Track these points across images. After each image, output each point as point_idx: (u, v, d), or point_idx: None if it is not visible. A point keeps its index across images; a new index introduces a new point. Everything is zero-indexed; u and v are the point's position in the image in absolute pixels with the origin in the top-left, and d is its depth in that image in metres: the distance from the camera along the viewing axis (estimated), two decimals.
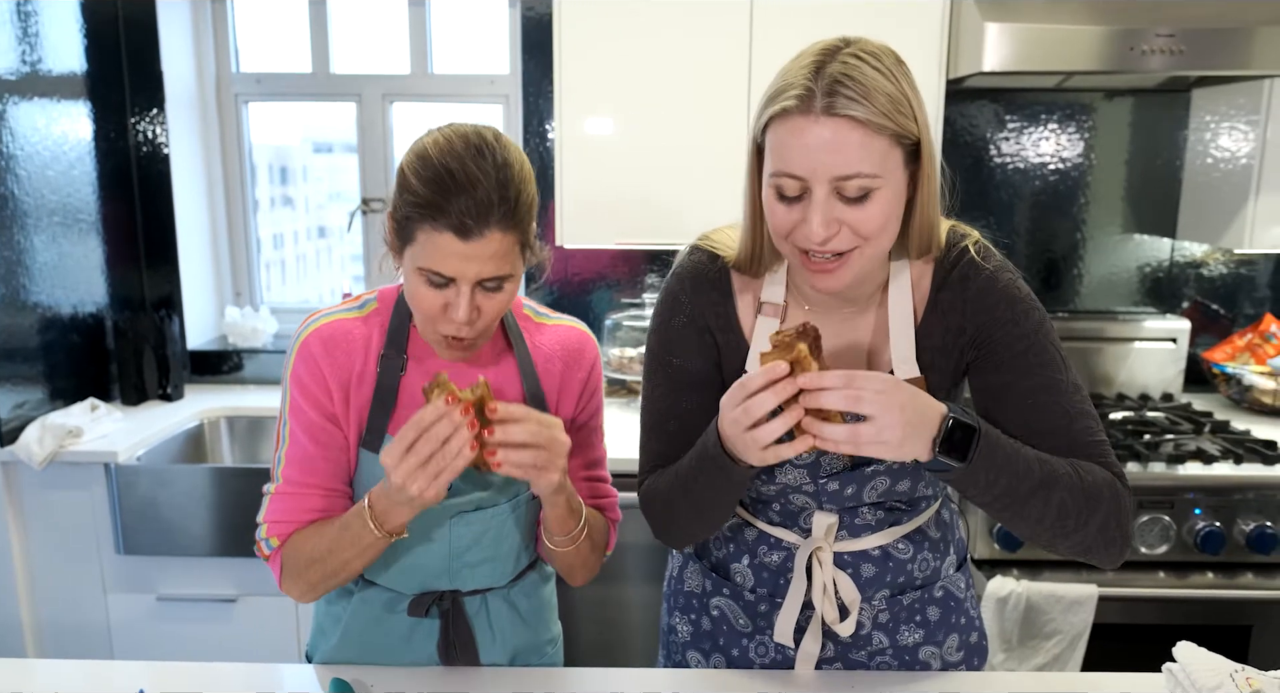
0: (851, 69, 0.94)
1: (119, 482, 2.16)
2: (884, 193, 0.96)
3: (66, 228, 2.40)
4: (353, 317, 1.17)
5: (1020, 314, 1.07)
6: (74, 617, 2.26)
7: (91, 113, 2.50)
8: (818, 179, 0.95)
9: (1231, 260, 2.69)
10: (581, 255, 2.74)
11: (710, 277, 1.14)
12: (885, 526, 1.17)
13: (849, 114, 0.93)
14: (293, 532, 1.15)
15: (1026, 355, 1.06)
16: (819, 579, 1.16)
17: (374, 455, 1.15)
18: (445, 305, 1.05)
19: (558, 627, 1.39)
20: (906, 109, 0.95)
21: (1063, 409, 1.05)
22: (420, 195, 1.01)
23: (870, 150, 0.94)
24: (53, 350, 2.36)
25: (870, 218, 0.96)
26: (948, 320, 1.09)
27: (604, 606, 2.28)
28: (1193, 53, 2.02)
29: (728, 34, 2.26)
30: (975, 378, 1.09)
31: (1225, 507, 2.03)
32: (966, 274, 1.09)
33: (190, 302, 2.77)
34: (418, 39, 2.77)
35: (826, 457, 1.12)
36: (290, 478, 1.15)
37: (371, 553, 1.10)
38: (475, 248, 1.01)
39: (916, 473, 1.14)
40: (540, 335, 1.24)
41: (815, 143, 0.94)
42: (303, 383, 1.13)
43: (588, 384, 1.26)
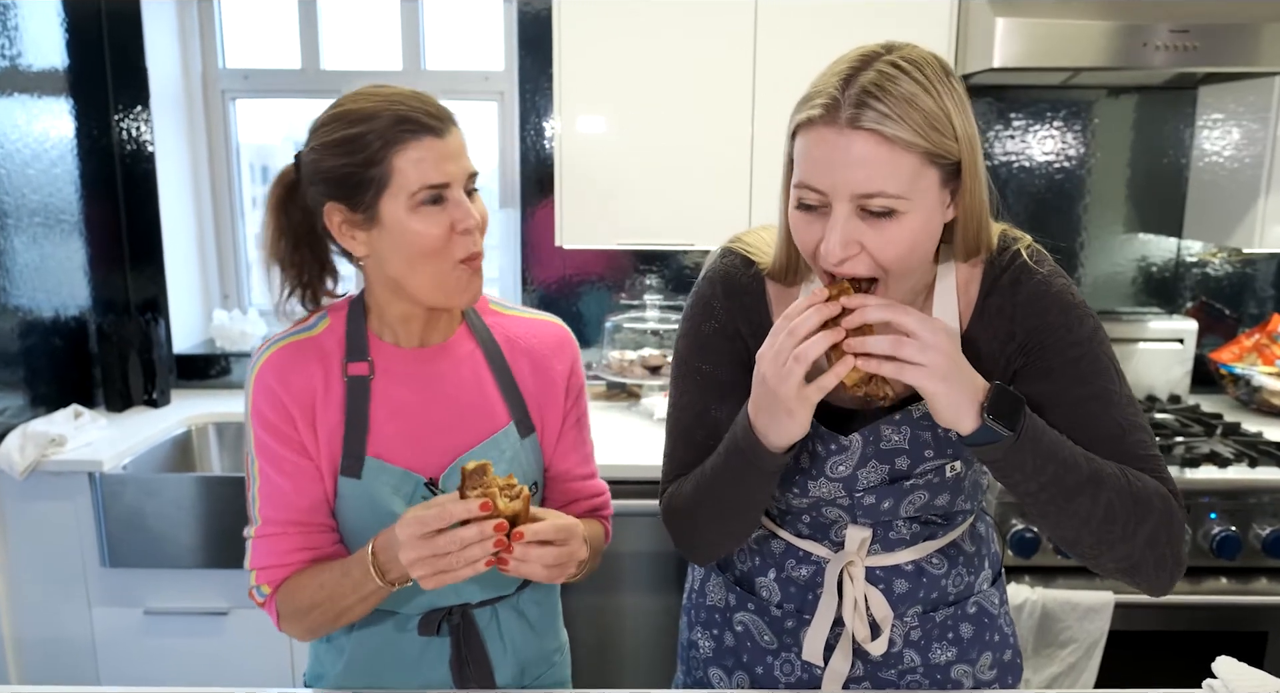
0: (885, 79, 0.87)
1: (104, 492, 2.09)
2: (911, 217, 0.89)
3: (48, 229, 2.32)
4: (305, 337, 1.12)
5: (1074, 321, 1.01)
6: (58, 633, 2.18)
7: (73, 110, 2.42)
8: (838, 195, 0.89)
9: (1236, 260, 2.66)
10: (580, 256, 2.68)
11: (744, 282, 1.09)
12: (920, 540, 1.12)
13: (876, 128, 0.86)
14: (284, 577, 1.09)
15: (1079, 364, 1.00)
16: (850, 595, 1.11)
17: (354, 481, 1.09)
18: (452, 223, 1.03)
19: (564, 634, 1.35)
20: (945, 126, 0.88)
21: (1115, 421, 0.99)
22: (383, 126, 1.00)
23: (897, 169, 0.87)
24: (34, 355, 2.28)
25: (892, 241, 0.89)
26: (996, 326, 1.03)
27: (602, 612, 2.22)
28: (1205, 49, 1.99)
29: (732, 32, 2.21)
30: (1022, 385, 1.03)
31: (1241, 511, 2.00)
32: (1017, 278, 1.02)
33: (176, 304, 2.70)
34: (410, 34, 2.70)
35: (864, 470, 1.07)
36: (269, 518, 1.10)
37: (374, 600, 1.06)
38: (451, 143, 1.03)
39: (956, 486, 1.09)
40: (511, 327, 1.20)
41: (837, 156, 0.87)
42: (264, 417, 1.08)
43: (572, 381, 1.22)
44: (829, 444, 1.06)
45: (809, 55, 2.33)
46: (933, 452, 1.06)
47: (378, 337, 1.14)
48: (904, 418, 1.05)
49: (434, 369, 1.14)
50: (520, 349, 1.19)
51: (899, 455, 1.06)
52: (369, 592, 1.03)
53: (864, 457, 1.06)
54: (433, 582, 0.95)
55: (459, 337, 1.17)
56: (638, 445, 2.20)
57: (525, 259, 2.71)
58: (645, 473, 2.07)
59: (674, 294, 2.67)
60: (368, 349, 1.12)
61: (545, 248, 2.68)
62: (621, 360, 2.54)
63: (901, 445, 1.05)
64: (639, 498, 2.07)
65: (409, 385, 1.13)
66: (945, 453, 1.06)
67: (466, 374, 1.15)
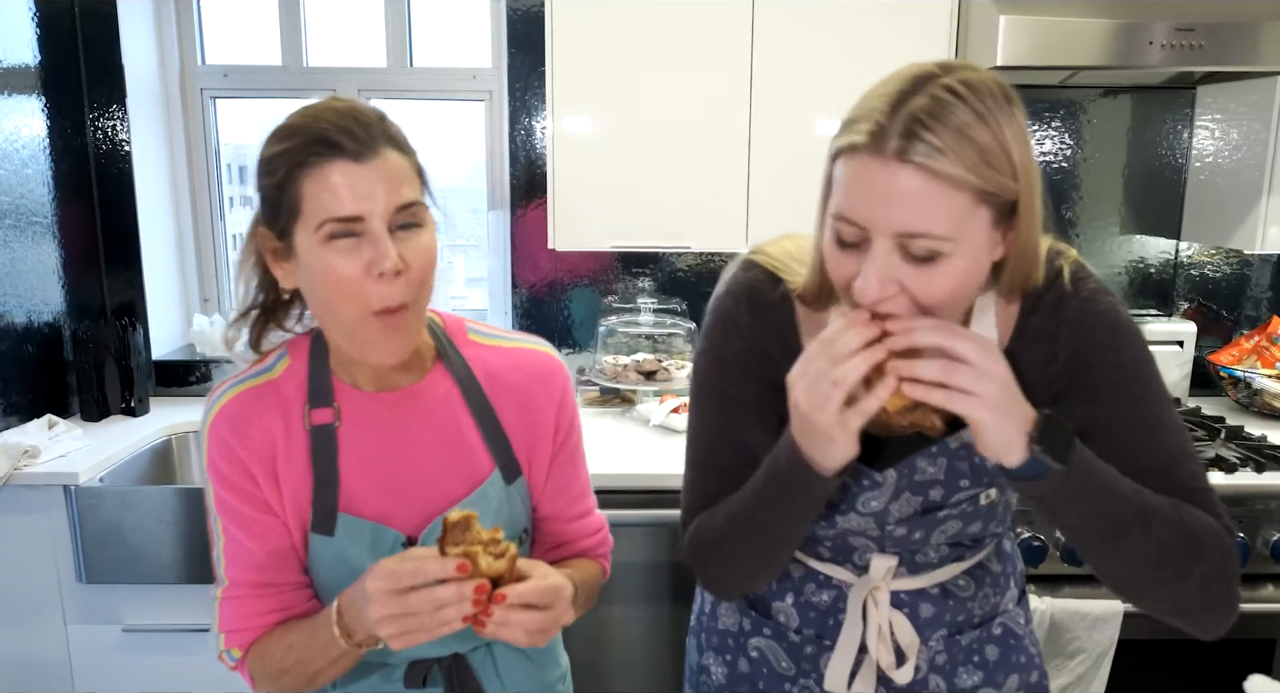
0: (939, 106, 0.78)
1: (80, 505, 2.00)
2: (956, 260, 0.81)
3: (19, 231, 2.23)
4: (261, 382, 1.01)
5: (1122, 341, 0.94)
6: (32, 651, 2.09)
7: (46, 108, 2.34)
8: (879, 231, 0.80)
9: (1234, 261, 2.64)
10: (569, 258, 2.62)
11: (771, 301, 1.01)
12: (948, 562, 1.07)
13: (924, 163, 0.77)
14: (254, 639, 1.01)
15: (1127, 388, 0.93)
16: (874, 621, 1.06)
17: (327, 538, 1.00)
18: (366, 264, 0.88)
19: (565, 660, 1.27)
20: (1002, 162, 0.79)
21: (1165, 450, 0.92)
22: (294, 148, 0.88)
23: (946, 208, 0.78)
24: (5, 363, 2.19)
25: (935, 286, 0.81)
26: (1038, 347, 0.96)
27: (596, 625, 2.16)
28: (1210, 47, 1.96)
29: (728, 30, 2.16)
30: (1065, 410, 0.95)
31: (1248, 517, 1.97)
32: (1061, 297, 0.95)
33: (155, 309, 2.61)
34: (396, 31, 2.63)
35: (897, 503, 1.00)
36: (236, 579, 1.01)
37: (346, 662, 0.97)
38: (374, 169, 0.88)
39: (990, 513, 1.04)
40: (492, 359, 1.08)
41: (881, 190, 0.79)
42: (221, 474, 0.99)
43: (561, 416, 1.10)
44: (861, 480, 0.99)
45: (807, 53, 2.30)
46: (968, 481, 1.00)
47: (342, 380, 1.02)
48: (941, 449, 0.98)
49: (407, 414, 1.03)
50: (503, 384, 1.06)
51: (933, 487, 1.00)
52: (337, 655, 0.94)
53: (897, 490, 1.00)
54: (401, 642, 0.86)
55: (433, 377, 1.04)
56: (632, 453, 2.15)
57: (514, 261, 2.64)
58: (639, 482, 2.01)
59: (667, 297, 2.62)
60: (332, 394, 1.01)
61: (534, 250, 2.62)
62: (615, 365, 2.48)
63: (937, 477, 0.99)
64: (633, 508, 2.01)
65: (379, 433, 1.02)
66: (981, 482, 1.00)
67: (443, 419, 1.04)
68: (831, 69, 2.16)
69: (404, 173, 0.91)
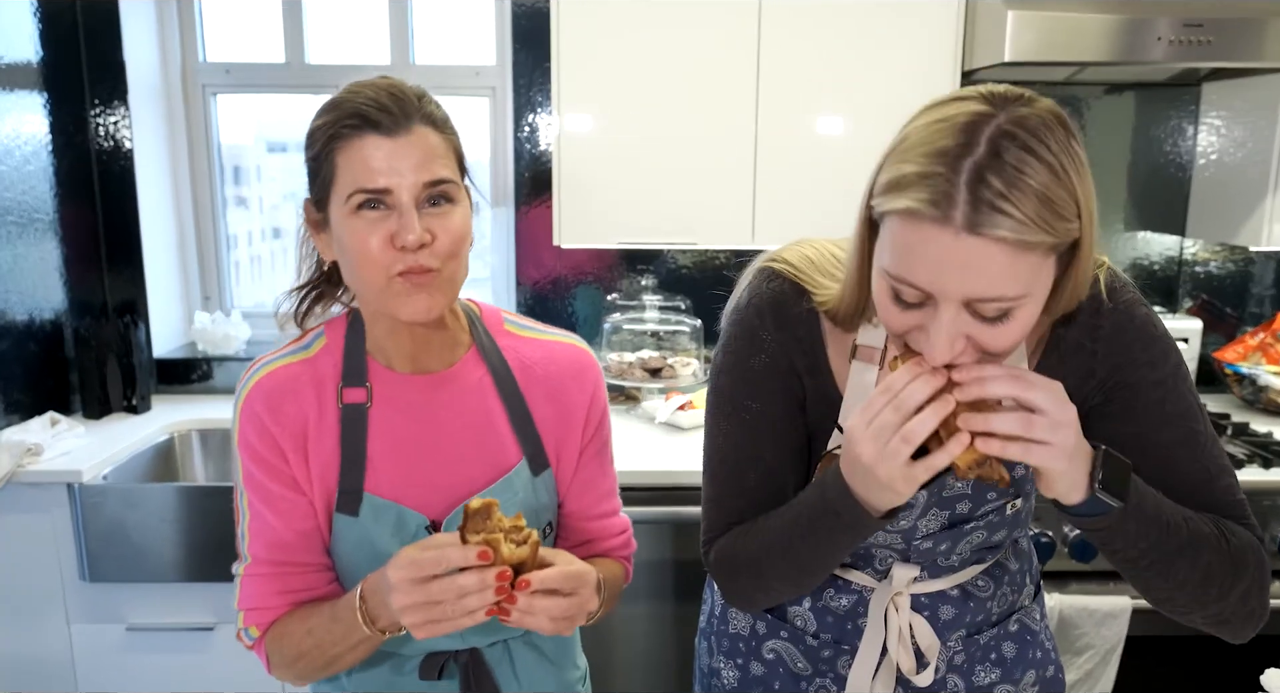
0: (1007, 167, 0.71)
1: (83, 503, 1.99)
2: (1026, 311, 0.78)
3: (21, 229, 2.22)
4: (299, 359, 1.03)
5: (1158, 356, 0.93)
6: (35, 650, 2.08)
7: (47, 105, 2.32)
8: (948, 298, 0.76)
9: (1238, 258, 2.64)
10: (573, 255, 2.62)
11: (797, 314, 0.97)
12: (969, 564, 1.07)
13: (998, 236, 0.71)
14: (273, 619, 1.01)
15: (1164, 404, 0.92)
16: (894, 625, 1.04)
17: (351, 519, 1.01)
18: (389, 235, 0.90)
19: (584, 661, 1.26)
20: (1071, 209, 0.74)
21: (1203, 467, 0.92)
22: (331, 122, 0.92)
23: (1019, 271, 0.74)
24: (6, 361, 2.18)
25: (1006, 339, 0.78)
26: (1074, 362, 0.94)
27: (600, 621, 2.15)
28: (1218, 43, 1.95)
29: (735, 26, 2.15)
30: (1100, 425, 0.94)
31: (1257, 513, 1.94)
32: (1098, 309, 0.93)
33: (156, 306, 2.60)
34: (399, 27, 2.62)
35: (924, 519, 0.99)
36: (259, 557, 1.02)
37: (365, 649, 0.97)
38: (404, 145, 0.90)
39: (1015, 521, 1.03)
40: (526, 350, 1.08)
41: (950, 261, 0.73)
42: (252, 449, 0.99)
43: (592, 410, 1.10)
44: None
45: (814, 50, 2.29)
46: (995, 494, 0.99)
47: (377, 361, 1.03)
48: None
49: (438, 398, 1.03)
50: (536, 376, 1.07)
51: (960, 501, 0.99)
52: (357, 640, 0.94)
53: (926, 507, 0.99)
54: (424, 631, 0.86)
55: (467, 362, 1.06)
56: (637, 450, 2.14)
57: (518, 259, 2.63)
58: (646, 479, 2.00)
59: (671, 295, 2.61)
60: (366, 374, 1.01)
61: (538, 247, 2.61)
62: (620, 363, 2.47)
63: (964, 492, 0.98)
64: (639, 505, 2.00)
65: (410, 416, 1.03)
66: (1008, 493, 0.99)
67: (475, 405, 1.05)
68: (838, 66, 2.15)
69: (437, 151, 0.93)
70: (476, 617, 0.85)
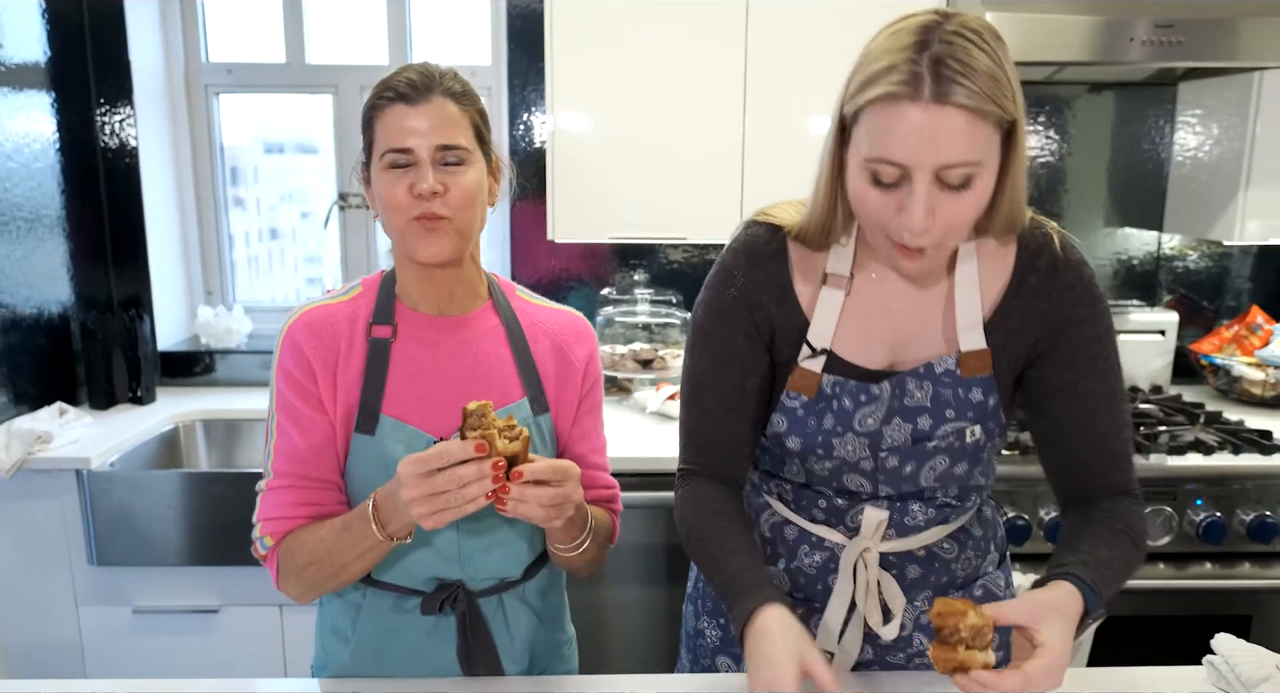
0: (958, 51, 0.87)
1: (91, 489, 2.06)
2: (982, 181, 0.92)
3: (30, 226, 2.29)
4: (338, 302, 1.18)
5: (1099, 314, 1.07)
6: (44, 632, 2.14)
7: (55, 104, 2.39)
8: (921, 168, 0.89)
9: (1215, 253, 2.72)
10: (567, 250, 2.68)
11: (768, 250, 1.10)
12: (934, 524, 1.14)
13: (959, 102, 0.86)
14: (288, 530, 1.11)
15: (1096, 360, 1.06)
16: (863, 580, 1.12)
17: (368, 438, 1.12)
18: (410, 187, 1.07)
19: (571, 629, 1.36)
20: (1008, 89, 0.89)
21: (1114, 420, 1.07)
22: (372, 97, 1.10)
23: (976, 137, 0.89)
24: (15, 353, 2.24)
25: (967, 207, 0.92)
26: (1032, 305, 1.07)
27: (598, 604, 2.22)
28: (1189, 43, 2.02)
29: (722, 29, 2.22)
30: (1039, 370, 1.08)
31: (1225, 497, 2.03)
32: (1055, 264, 1.06)
33: (160, 301, 2.66)
34: (396, 29, 2.69)
35: (889, 427, 1.08)
36: (280, 471, 1.13)
37: (373, 556, 1.06)
38: (425, 113, 1.07)
39: (976, 454, 1.11)
40: (535, 314, 1.24)
41: (922, 131, 0.88)
42: (288, 371, 1.13)
43: (589, 369, 1.25)
44: (858, 395, 1.08)
45: (800, 49, 2.36)
46: (954, 413, 1.08)
47: (405, 304, 1.18)
48: (926, 372, 1.08)
49: (455, 338, 1.17)
50: (542, 331, 1.22)
51: (921, 414, 1.08)
52: (368, 547, 1.04)
53: (890, 411, 1.08)
54: (431, 521, 0.96)
55: (483, 312, 1.20)
56: (630, 439, 2.21)
57: (513, 254, 2.70)
58: (638, 466, 2.07)
59: (662, 289, 2.68)
60: (393, 315, 1.16)
61: (533, 243, 2.68)
62: (613, 355, 2.54)
63: (924, 403, 1.08)
64: (631, 490, 2.06)
65: (430, 350, 1.16)
66: (966, 416, 1.08)
67: (487, 347, 1.18)
68: (823, 65, 2.22)
69: (453, 119, 1.09)
70: (478, 503, 0.95)
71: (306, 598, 1.11)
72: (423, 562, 1.14)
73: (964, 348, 1.06)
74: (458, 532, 1.13)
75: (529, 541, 1.19)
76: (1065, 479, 1.12)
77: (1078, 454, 1.09)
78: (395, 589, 1.15)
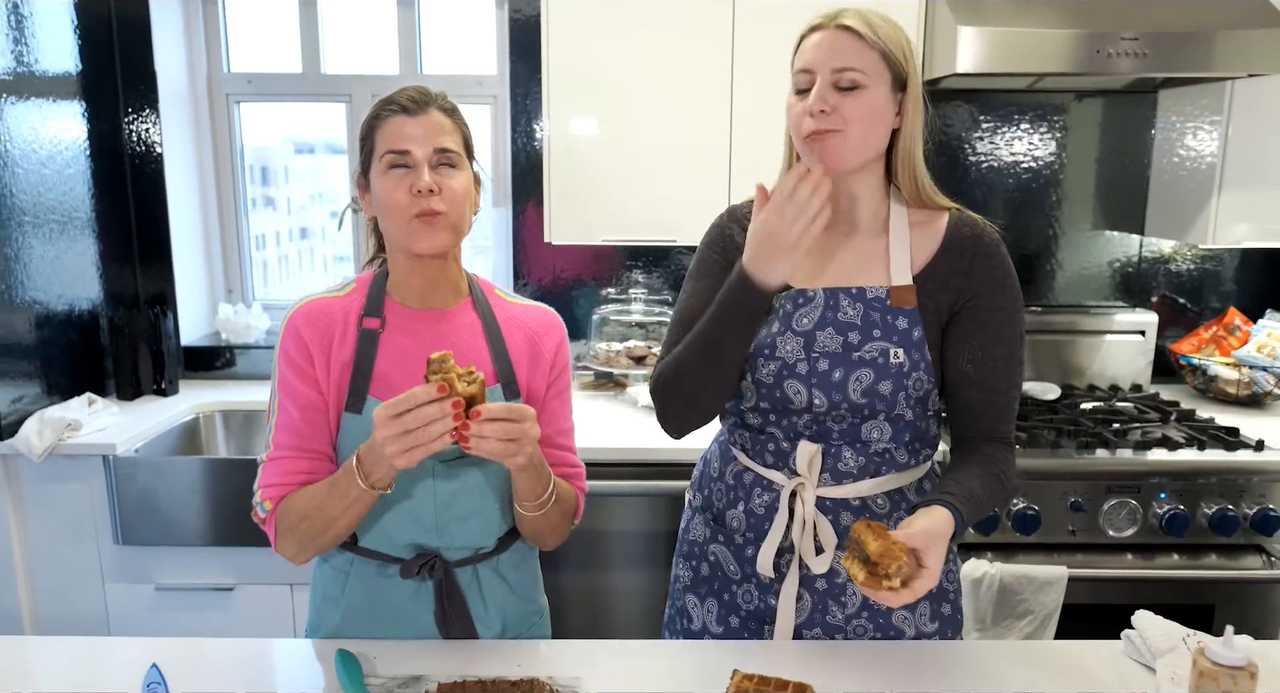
0: (860, 12, 1.23)
1: (117, 473, 2.21)
2: (870, 93, 1.21)
3: (62, 227, 2.44)
4: (334, 296, 1.32)
5: (1010, 286, 1.30)
6: (73, 606, 2.30)
7: (85, 112, 2.54)
8: (821, 68, 1.22)
9: (1198, 256, 2.79)
10: (570, 253, 2.80)
11: (746, 212, 1.36)
12: (865, 476, 1.29)
13: (849, 26, 1.21)
14: (283, 494, 1.25)
15: (1004, 327, 1.29)
16: (799, 516, 1.28)
17: (356, 417, 1.25)
18: (410, 186, 1.21)
19: (544, 600, 1.48)
20: (897, 47, 1.22)
21: (1008, 378, 1.30)
22: (374, 111, 1.26)
23: (863, 55, 1.21)
24: (49, 347, 2.40)
25: (855, 106, 1.21)
26: (956, 264, 1.29)
27: (591, 590, 2.34)
28: (1156, 56, 2.11)
29: (711, 37, 2.33)
30: (959, 326, 1.29)
31: (1189, 491, 2.12)
32: (979, 235, 1.30)
33: (184, 298, 2.82)
34: (406, 40, 2.82)
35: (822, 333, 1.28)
36: (279, 443, 1.26)
37: (358, 508, 1.19)
38: (422, 122, 1.22)
39: (900, 376, 1.26)
40: (509, 309, 1.38)
41: (824, 43, 1.23)
42: (288, 354, 1.27)
43: (557, 358, 1.38)
44: (796, 299, 1.30)
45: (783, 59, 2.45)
46: (880, 333, 1.27)
47: (393, 299, 1.32)
48: (859, 294, 1.29)
49: (437, 328, 1.31)
50: (516, 325, 1.36)
51: (851, 329, 1.28)
52: (354, 498, 1.17)
53: (824, 318, 1.28)
54: (404, 459, 1.08)
55: (463, 307, 1.35)
56: (624, 431, 2.32)
57: (517, 256, 2.83)
58: (632, 456, 2.19)
59: (661, 289, 2.79)
60: (382, 308, 1.31)
61: (536, 245, 2.80)
62: (608, 351, 2.66)
63: (854, 321, 1.28)
64: (625, 480, 2.19)
65: (413, 339, 1.30)
66: (891, 339, 1.27)
67: (465, 338, 1.32)
68: None
69: (446, 128, 1.25)
70: (444, 440, 1.08)
71: (300, 557, 1.24)
72: (403, 530, 1.27)
73: (894, 283, 1.28)
74: (435, 502, 1.26)
75: (502, 513, 1.32)
76: (959, 421, 1.33)
77: (973, 402, 1.30)
78: (378, 557, 1.28)
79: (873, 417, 1.28)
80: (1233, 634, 1.02)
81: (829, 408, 1.28)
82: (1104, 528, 2.12)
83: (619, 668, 1.24)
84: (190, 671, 1.23)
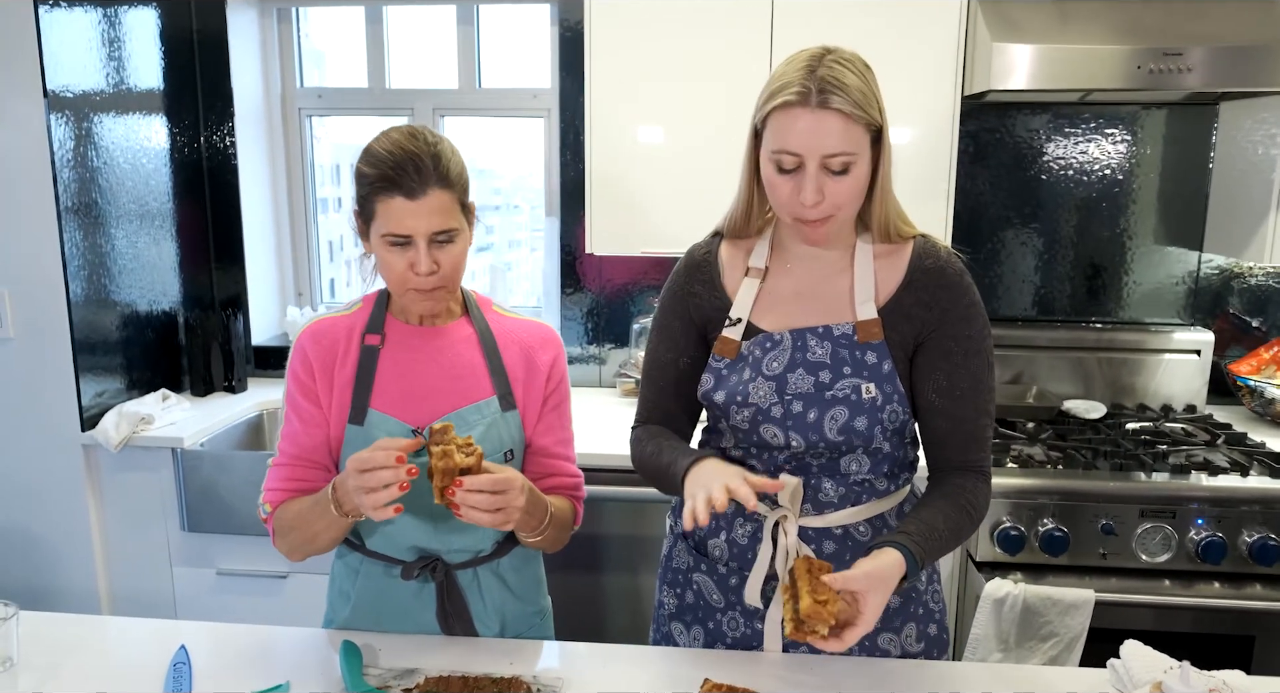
0: (836, 73, 1.18)
1: (184, 465, 2.37)
2: (858, 168, 1.21)
3: (145, 231, 2.63)
4: (340, 315, 1.41)
5: (974, 316, 1.30)
6: (143, 587, 2.49)
7: (168, 126, 2.73)
8: (811, 156, 1.18)
9: (1263, 273, 2.69)
10: (616, 263, 2.87)
11: (703, 256, 1.41)
12: (846, 505, 1.31)
13: (836, 107, 1.17)
14: (282, 500, 1.35)
15: (969, 357, 1.29)
16: (782, 545, 1.30)
17: (359, 428, 1.34)
18: (409, 264, 1.27)
19: (547, 601, 1.55)
20: (873, 104, 1.20)
21: (977, 405, 1.30)
22: (373, 178, 1.26)
23: (850, 134, 1.18)
24: (130, 344, 2.59)
25: (848, 188, 1.21)
26: (919, 296, 1.30)
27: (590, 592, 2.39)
28: (1200, 71, 2.06)
29: (750, 48, 2.36)
30: (925, 355, 1.30)
31: (1229, 518, 2.06)
32: (942, 267, 1.30)
33: (255, 300, 3.00)
34: (466, 55, 2.94)
35: (794, 375, 1.29)
36: (283, 451, 1.37)
37: (336, 530, 1.29)
38: (422, 206, 1.24)
39: (874, 412, 1.27)
40: (505, 324, 1.44)
41: (811, 128, 1.18)
42: (295, 372, 1.36)
43: (553, 371, 1.44)
44: (764, 344, 1.31)
45: None
46: (850, 370, 1.29)
47: (395, 317, 1.40)
48: (825, 333, 1.30)
49: (435, 344, 1.39)
50: (512, 339, 1.42)
51: (822, 369, 1.29)
52: (330, 521, 1.27)
53: (794, 361, 1.30)
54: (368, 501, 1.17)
55: (460, 323, 1.42)
56: None
57: (565, 265, 2.91)
58: None
59: None
60: (383, 325, 1.39)
61: (584, 255, 2.88)
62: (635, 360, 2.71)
63: (824, 360, 1.29)
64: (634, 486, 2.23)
65: (412, 355, 1.37)
66: (862, 375, 1.29)
67: (463, 352, 1.39)
68: None
69: (445, 206, 1.27)
70: (392, 492, 1.16)
71: (294, 557, 1.36)
72: (404, 533, 1.36)
73: (859, 318, 1.29)
74: (433, 507, 1.33)
75: None
76: (932, 450, 1.34)
77: (943, 431, 1.31)
78: (383, 558, 1.38)
79: (850, 451, 1.30)
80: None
81: (806, 448, 1.29)
82: (1136, 552, 2.08)
83: (606, 672, 1.30)
84: (214, 653, 1.35)
